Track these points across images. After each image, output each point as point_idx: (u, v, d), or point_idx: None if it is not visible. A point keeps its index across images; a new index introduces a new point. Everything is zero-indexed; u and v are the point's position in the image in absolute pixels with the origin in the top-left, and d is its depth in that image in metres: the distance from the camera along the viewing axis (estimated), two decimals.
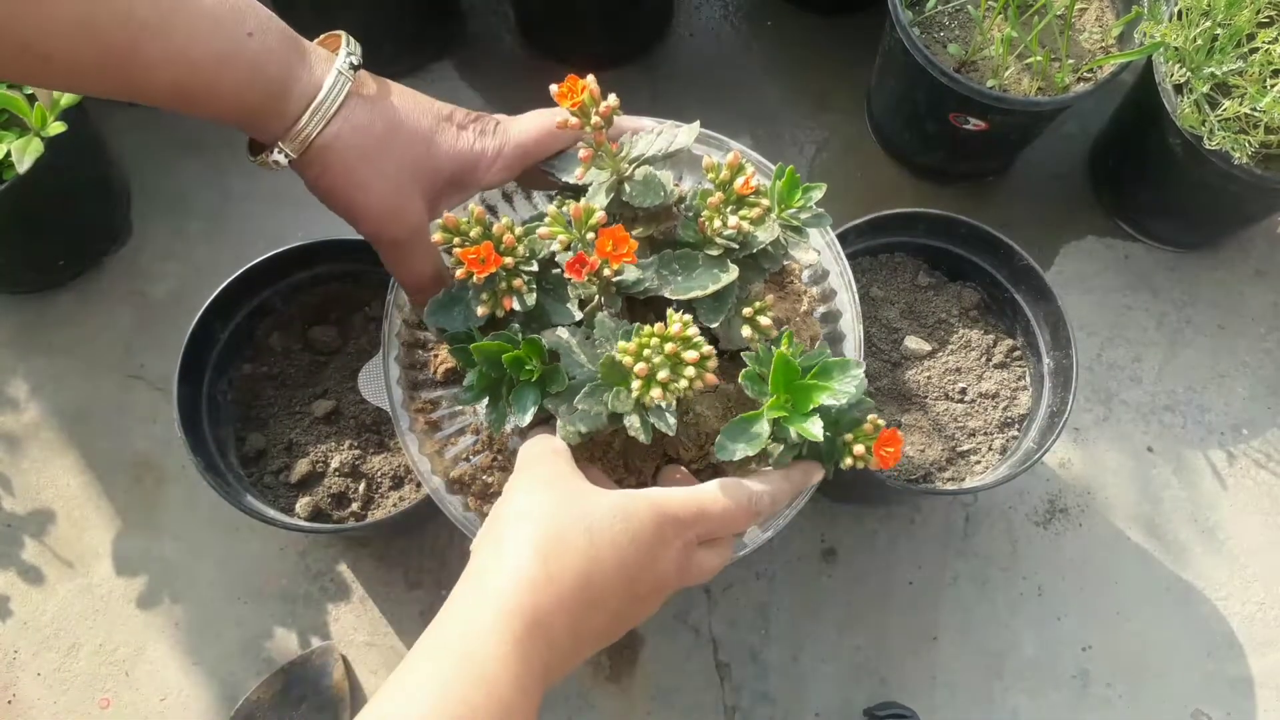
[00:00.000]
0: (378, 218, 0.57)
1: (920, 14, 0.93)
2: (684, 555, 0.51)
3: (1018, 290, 0.89)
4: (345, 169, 0.55)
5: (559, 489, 0.51)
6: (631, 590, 0.49)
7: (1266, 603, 0.95)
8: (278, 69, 0.52)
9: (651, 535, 0.49)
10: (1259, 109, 0.83)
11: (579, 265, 0.52)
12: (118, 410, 0.97)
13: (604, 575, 0.47)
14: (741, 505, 0.53)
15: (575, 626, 0.47)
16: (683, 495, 0.52)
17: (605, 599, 0.48)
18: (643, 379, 0.51)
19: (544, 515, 0.49)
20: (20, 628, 0.90)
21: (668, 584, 0.51)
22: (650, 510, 0.50)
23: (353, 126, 0.54)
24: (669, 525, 0.50)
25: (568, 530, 0.48)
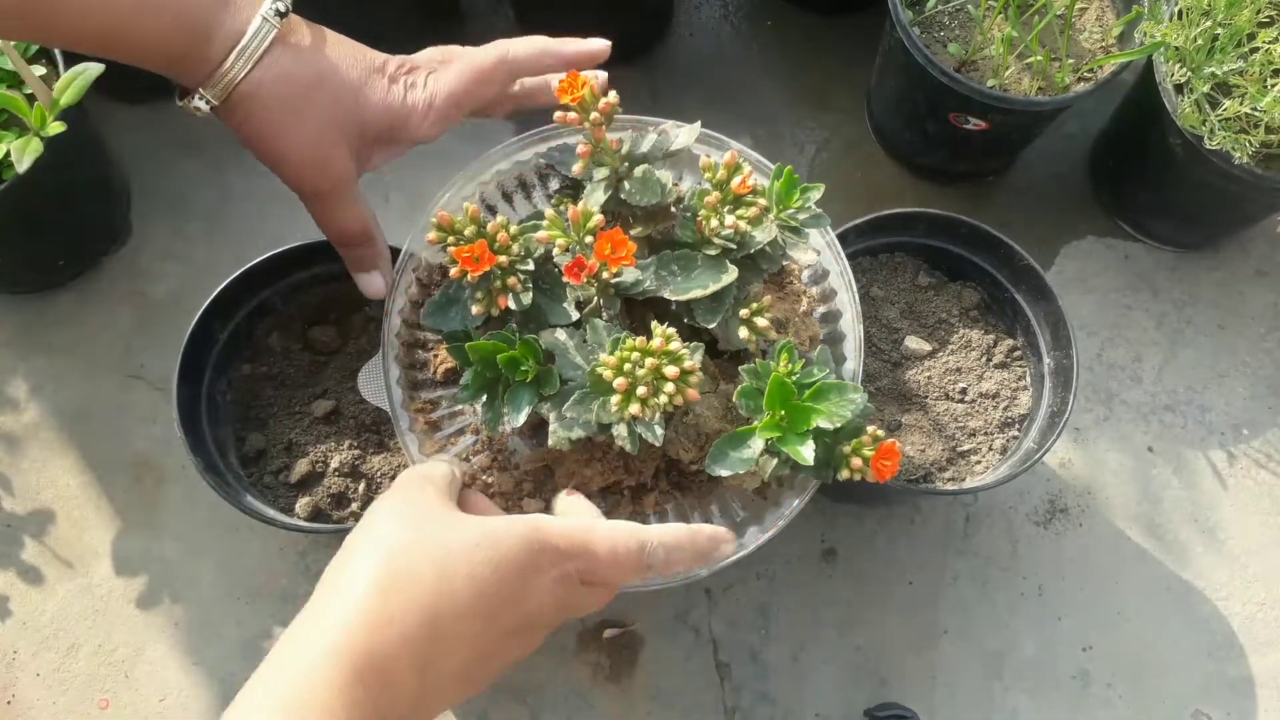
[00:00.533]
0: (298, 167, 0.56)
1: (920, 14, 0.93)
2: (563, 588, 0.47)
3: (1018, 290, 0.89)
4: (267, 117, 0.54)
5: (418, 517, 0.46)
6: (494, 625, 0.44)
7: (1267, 603, 0.95)
8: (201, 13, 0.51)
9: (520, 563, 0.45)
10: (1259, 109, 0.83)
11: (577, 268, 0.52)
12: (117, 410, 0.97)
13: (456, 611, 0.43)
14: (631, 554, 0.48)
15: (421, 668, 0.42)
16: (568, 526, 0.48)
17: (460, 638, 0.43)
18: (622, 394, 0.50)
19: (393, 546, 0.44)
20: (19, 628, 0.90)
21: (542, 618, 0.47)
22: (523, 536, 0.46)
23: (276, 75, 0.53)
24: (545, 554, 0.46)
25: (417, 562, 0.44)
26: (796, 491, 0.65)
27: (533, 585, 0.45)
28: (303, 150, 0.55)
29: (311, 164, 0.56)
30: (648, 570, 0.49)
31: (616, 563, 0.48)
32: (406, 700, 0.42)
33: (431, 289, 0.70)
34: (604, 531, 0.48)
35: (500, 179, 0.71)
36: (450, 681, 0.44)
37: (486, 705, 0.88)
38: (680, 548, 0.51)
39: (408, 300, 0.69)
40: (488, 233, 0.54)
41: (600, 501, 0.67)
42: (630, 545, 0.48)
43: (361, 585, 0.43)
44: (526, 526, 0.46)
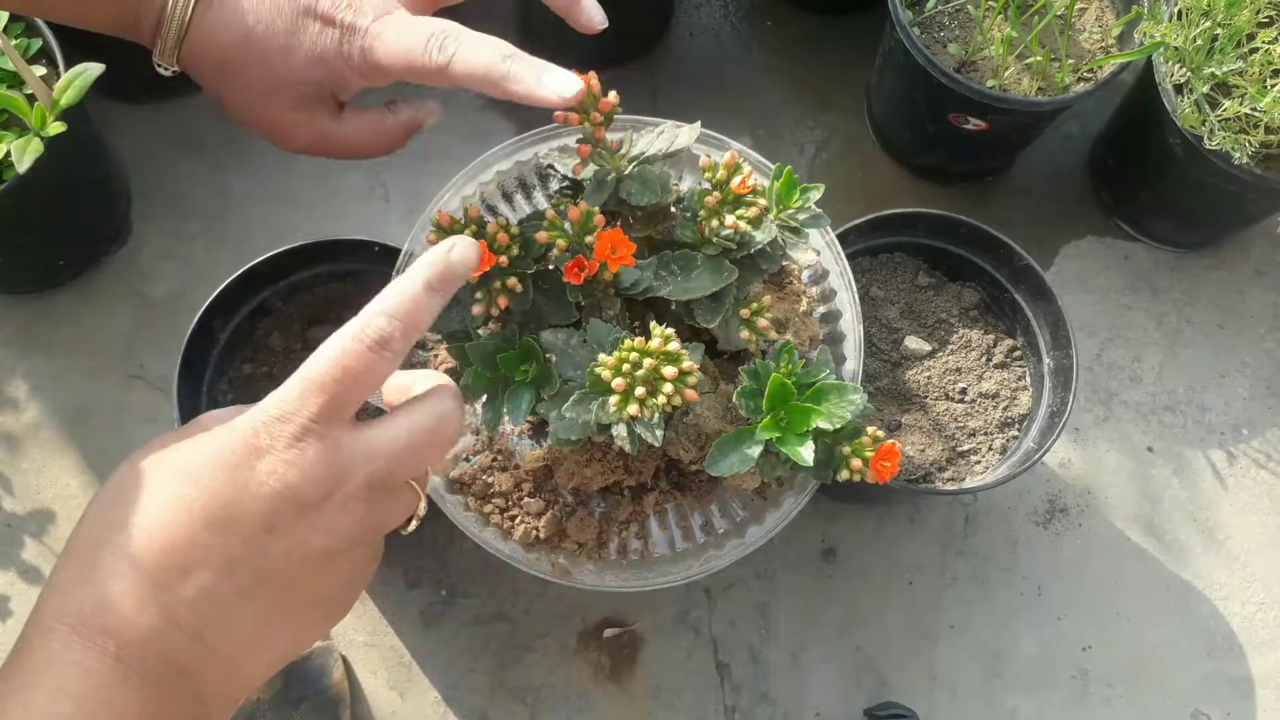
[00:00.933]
0: (246, 125, 0.52)
1: (920, 14, 0.93)
2: (309, 450, 0.37)
3: (1018, 290, 0.89)
4: (213, 84, 0.51)
5: (120, 477, 0.38)
6: (236, 530, 0.36)
7: (1266, 603, 0.95)
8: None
9: (229, 455, 0.37)
10: (1259, 109, 0.83)
11: (577, 269, 0.52)
12: (117, 410, 0.97)
13: (166, 533, 0.36)
14: (354, 353, 0.39)
15: (168, 609, 0.35)
16: (276, 392, 0.39)
17: (191, 559, 0.35)
18: (620, 394, 0.50)
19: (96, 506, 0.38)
20: (20, 628, 0.90)
21: (300, 495, 0.37)
22: (224, 429, 0.38)
23: (207, 36, 0.50)
24: (259, 430, 0.37)
25: (115, 504, 0.37)
26: (796, 491, 0.66)
27: (258, 467, 0.37)
28: (256, 116, 0.52)
29: (271, 130, 0.52)
30: (387, 347, 0.40)
31: (347, 378, 0.39)
32: (190, 662, 0.35)
33: None
34: (315, 359, 0.40)
35: (500, 179, 0.71)
36: (234, 613, 0.36)
37: (486, 705, 0.88)
38: (403, 293, 0.41)
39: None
40: (487, 233, 0.54)
41: (600, 501, 0.67)
42: (347, 348, 0.40)
43: (70, 546, 0.37)
44: (227, 417, 0.40)
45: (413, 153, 0.65)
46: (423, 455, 0.40)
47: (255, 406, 0.38)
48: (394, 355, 0.39)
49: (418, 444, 0.40)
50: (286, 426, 0.38)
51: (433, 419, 0.40)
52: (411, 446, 0.40)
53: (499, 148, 0.71)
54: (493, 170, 0.71)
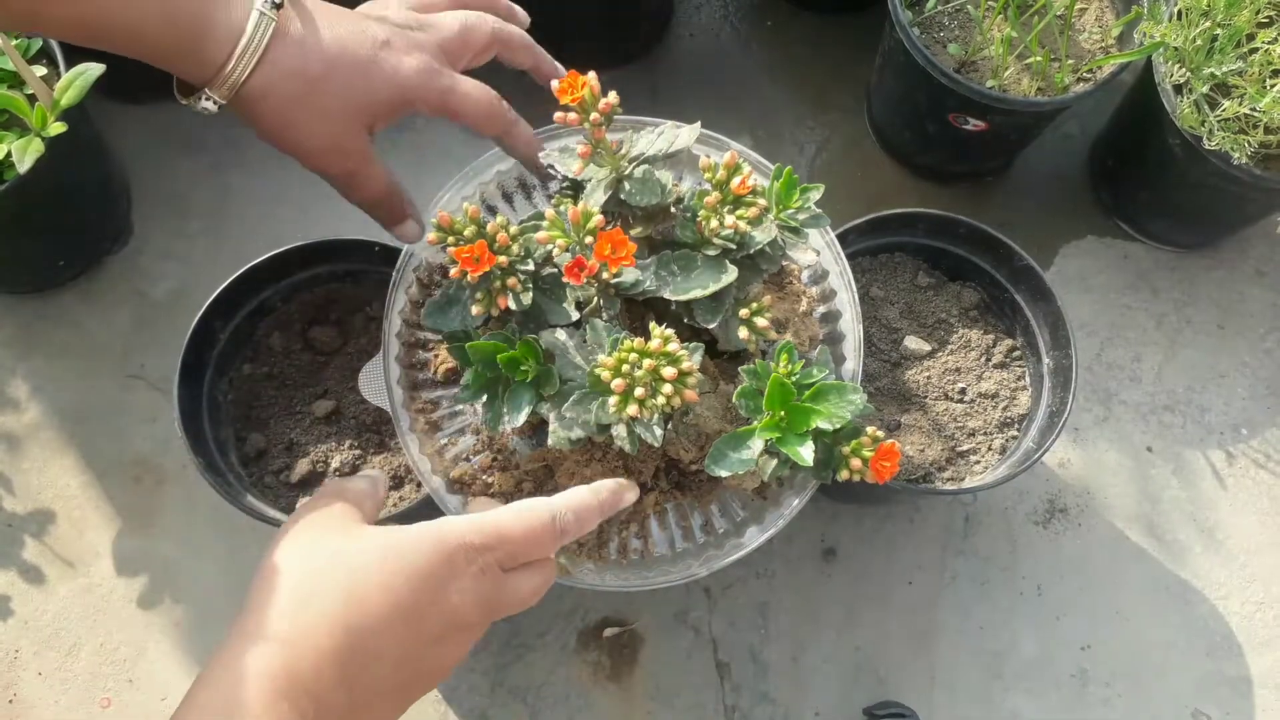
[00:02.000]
0: (319, 155, 0.56)
1: (920, 14, 0.93)
2: (485, 583, 0.47)
3: (1017, 290, 0.89)
4: (280, 115, 0.54)
5: (321, 535, 0.47)
6: (416, 632, 0.44)
7: (1265, 602, 0.95)
8: (190, 7, 0.50)
9: (434, 568, 0.45)
10: (1258, 109, 0.83)
11: (577, 269, 0.52)
12: (118, 410, 0.97)
13: (371, 620, 0.43)
14: (544, 524, 0.49)
15: (348, 680, 0.42)
16: (474, 520, 0.48)
17: (380, 646, 0.43)
18: (619, 395, 0.50)
19: (298, 565, 0.45)
20: (21, 627, 0.90)
21: (468, 619, 0.46)
22: (431, 540, 0.45)
23: (283, 71, 0.52)
24: (458, 552, 0.46)
25: (324, 578, 0.44)
26: (796, 491, 0.66)
27: (451, 587, 0.45)
28: (322, 141, 0.55)
29: (332, 151, 0.56)
30: (563, 536, 0.50)
31: (532, 538, 0.49)
32: (339, 711, 0.42)
33: (432, 289, 0.70)
34: (511, 514, 0.49)
35: (501, 179, 0.72)
36: (384, 691, 0.44)
37: (486, 705, 0.88)
38: (587, 507, 0.53)
39: (408, 300, 0.69)
40: (487, 233, 0.54)
41: None
42: (542, 518, 0.49)
43: (274, 606, 0.43)
44: (434, 530, 0.46)
45: (413, 152, 0.65)
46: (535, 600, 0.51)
47: (450, 523, 0.47)
48: (563, 540, 0.51)
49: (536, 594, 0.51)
50: (479, 558, 0.46)
51: (545, 581, 0.51)
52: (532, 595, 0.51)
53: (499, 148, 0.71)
54: (493, 170, 0.71)
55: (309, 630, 0.42)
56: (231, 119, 0.56)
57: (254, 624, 0.43)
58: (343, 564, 0.44)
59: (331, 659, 0.42)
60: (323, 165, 0.57)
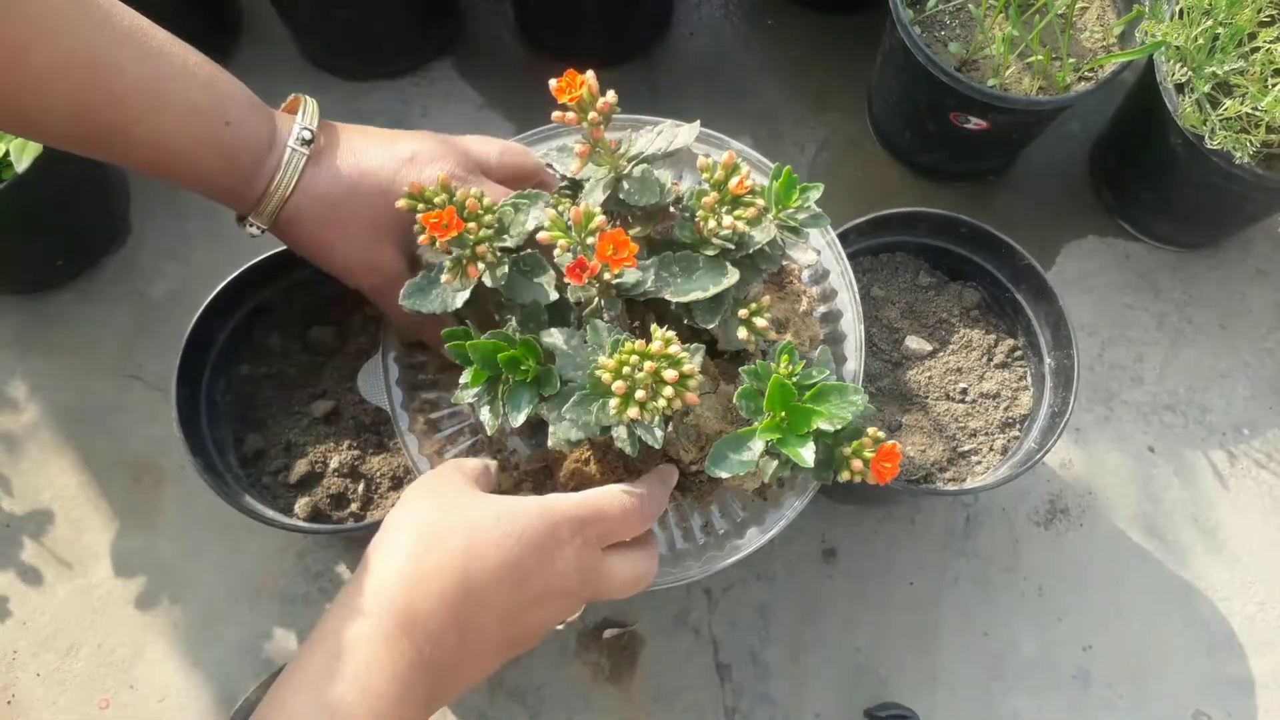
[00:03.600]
0: (351, 272, 0.60)
1: (921, 13, 0.93)
2: (585, 556, 0.51)
3: (1019, 290, 0.88)
4: (311, 235, 0.59)
5: (442, 496, 0.51)
6: (521, 590, 0.48)
7: (1267, 603, 0.94)
8: (250, 156, 0.56)
9: (541, 534, 0.49)
10: (1260, 108, 0.83)
11: (579, 270, 0.52)
12: (116, 410, 0.97)
13: (484, 572, 0.47)
14: (635, 504, 0.54)
15: (460, 623, 0.46)
16: (577, 497, 0.52)
17: (489, 597, 0.47)
18: (620, 397, 0.50)
19: (421, 519, 0.49)
20: (19, 628, 0.90)
21: (569, 587, 0.50)
22: (539, 510, 0.50)
23: (311, 197, 0.58)
24: (563, 524, 0.50)
25: (445, 531, 0.48)
26: (797, 492, 0.65)
27: (554, 555, 0.49)
28: (350, 259, 0.60)
29: (362, 268, 0.60)
30: (650, 517, 0.55)
31: (628, 516, 0.53)
32: (451, 651, 0.46)
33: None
34: (608, 494, 0.53)
35: None
36: (489, 640, 0.48)
37: (486, 705, 0.88)
38: (656, 489, 0.57)
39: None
40: (456, 199, 0.54)
41: None
42: (636, 497, 0.54)
43: (398, 554, 0.47)
44: (540, 503, 0.50)
45: None
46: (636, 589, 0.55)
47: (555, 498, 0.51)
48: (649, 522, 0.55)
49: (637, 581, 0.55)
50: (581, 531, 0.50)
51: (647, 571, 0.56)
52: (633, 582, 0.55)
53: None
54: None
55: (431, 574, 0.46)
56: None
57: (380, 564, 0.47)
58: (462, 519, 0.48)
59: (450, 603, 0.46)
60: (355, 281, 0.61)
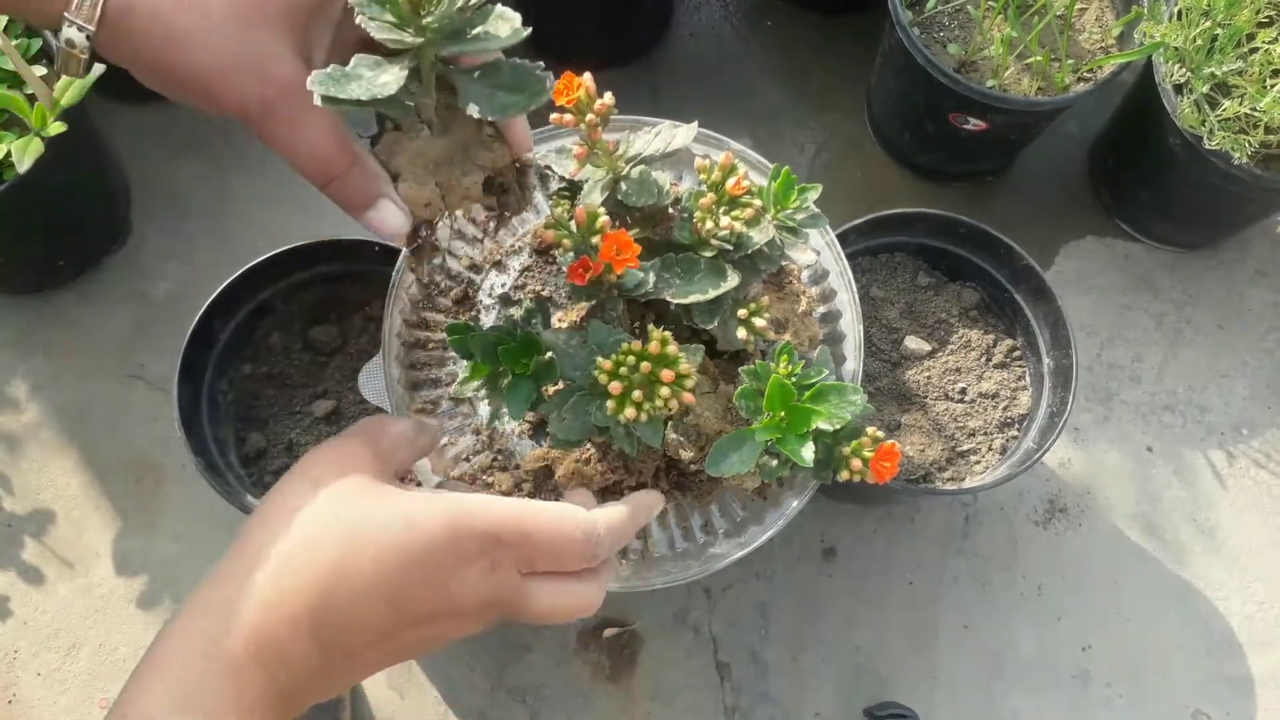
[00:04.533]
0: (229, 80, 0.41)
1: (920, 14, 0.93)
2: (493, 580, 0.42)
3: (1018, 290, 0.89)
4: (163, 29, 0.41)
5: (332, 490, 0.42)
6: (399, 610, 0.41)
7: (1266, 602, 0.95)
8: None
9: (437, 549, 0.41)
10: (1259, 109, 0.83)
11: (582, 270, 0.52)
12: (118, 410, 0.97)
13: (352, 593, 0.40)
14: (573, 535, 0.43)
15: (323, 644, 0.40)
16: (502, 510, 0.42)
17: (357, 618, 0.40)
18: (617, 397, 0.50)
19: (294, 525, 0.41)
20: (20, 627, 0.90)
21: (463, 608, 0.42)
22: (444, 520, 0.41)
23: None
24: (470, 540, 0.41)
25: (322, 539, 0.40)
26: (796, 492, 0.65)
27: (452, 573, 0.41)
28: (219, 55, 0.41)
29: (238, 71, 0.41)
30: (594, 549, 0.45)
31: (557, 547, 0.43)
32: (312, 672, 0.40)
33: (432, 288, 0.70)
34: (545, 517, 0.43)
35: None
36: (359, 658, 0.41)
37: (486, 705, 0.88)
38: (623, 529, 0.48)
39: (408, 300, 0.69)
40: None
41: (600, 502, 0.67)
42: (573, 529, 0.44)
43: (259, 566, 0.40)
44: (449, 510, 0.41)
45: None
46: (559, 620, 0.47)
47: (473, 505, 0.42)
48: (592, 561, 0.46)
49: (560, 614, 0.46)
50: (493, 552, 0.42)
51: (579, 605, 0.47)
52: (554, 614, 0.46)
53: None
54: None
55: (289, 594, 0.39)
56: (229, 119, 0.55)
57: (240, 574, 0.40)
58: (342, 529, 0.41)
59: (308, 628, 0.39)
60: (237, 97, 0.41)
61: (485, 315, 0.68)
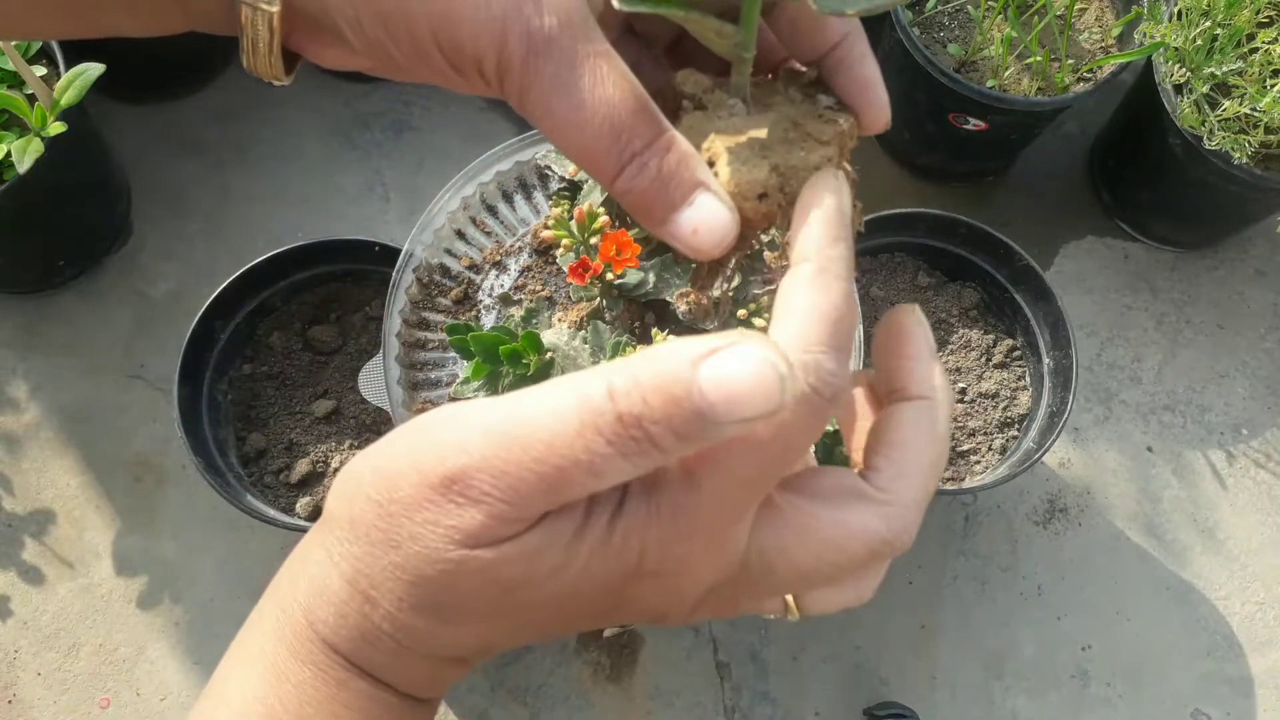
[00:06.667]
0: (479, 11, 0.28)
1: (920, 14, 0.93)
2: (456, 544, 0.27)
3: (1017, 290, 0.89)
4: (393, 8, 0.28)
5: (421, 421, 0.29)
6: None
7: (1266, 602, 0.95)
8: None
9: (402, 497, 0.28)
10: (1259, 109, 0.83)
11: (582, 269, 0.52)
12: (118, 410, 0.97)
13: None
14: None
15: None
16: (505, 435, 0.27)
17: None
18: None
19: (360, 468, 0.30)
20: (20, 627, 0.90)
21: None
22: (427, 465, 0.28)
23: None
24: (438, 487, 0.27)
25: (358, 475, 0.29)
26: None
27: (412, 530, 0.28)
28: (499, 30, 0.28)
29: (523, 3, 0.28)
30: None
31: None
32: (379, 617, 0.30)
33: (432, 289, 0.70)
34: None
35: (500, 179, 0.71)
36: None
37: (486, 705, 0.88)
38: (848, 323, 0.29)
39: (408, 300, 0.69)
40: None
41: None
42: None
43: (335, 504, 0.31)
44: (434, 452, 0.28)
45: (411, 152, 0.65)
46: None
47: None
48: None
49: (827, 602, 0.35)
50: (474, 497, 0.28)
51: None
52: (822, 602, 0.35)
53: (499, 148, 0.71)
54: (493, 171, 0.71)
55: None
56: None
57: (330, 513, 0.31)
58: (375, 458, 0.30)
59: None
60: (488, 46, 0.28)
61: (485, 315, 0.68)
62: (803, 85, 0.34)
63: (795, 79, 0.34)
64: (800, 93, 0.34)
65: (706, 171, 0.30)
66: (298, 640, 0.32)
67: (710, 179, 0.30)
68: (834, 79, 0.34)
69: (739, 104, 0.32)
